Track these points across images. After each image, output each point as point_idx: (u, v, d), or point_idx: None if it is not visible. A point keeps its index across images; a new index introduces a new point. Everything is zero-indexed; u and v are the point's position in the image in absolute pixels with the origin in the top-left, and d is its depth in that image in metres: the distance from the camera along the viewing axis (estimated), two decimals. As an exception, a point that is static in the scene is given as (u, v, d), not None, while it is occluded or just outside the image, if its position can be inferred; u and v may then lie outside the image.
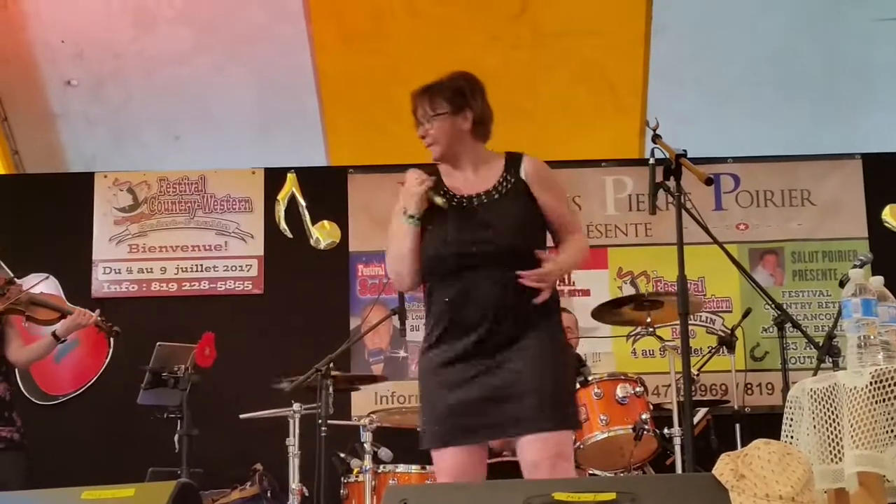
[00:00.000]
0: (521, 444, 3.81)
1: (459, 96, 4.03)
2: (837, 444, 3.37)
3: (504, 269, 3.82)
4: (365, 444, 5.60)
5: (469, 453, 3.87)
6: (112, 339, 6.98)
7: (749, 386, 7.13)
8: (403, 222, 3.94)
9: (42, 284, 6.57)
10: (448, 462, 3.86)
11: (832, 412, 3.41)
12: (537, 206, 3.97)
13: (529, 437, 3.78)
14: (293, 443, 5.80)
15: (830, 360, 5.17)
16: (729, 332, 6.60)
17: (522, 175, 3.98)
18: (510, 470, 5.36)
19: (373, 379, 6.79)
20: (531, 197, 3.96)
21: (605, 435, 5.45)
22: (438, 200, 3.92)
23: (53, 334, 6.13)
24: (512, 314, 3.83)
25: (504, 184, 3.98)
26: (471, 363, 3.84)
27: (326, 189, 7.67)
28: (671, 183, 4.44)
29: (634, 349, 7.34)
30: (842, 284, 3.88)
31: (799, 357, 7.20)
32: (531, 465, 3.78)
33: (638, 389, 5.56)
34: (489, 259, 3.84)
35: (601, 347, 7.30)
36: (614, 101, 7.53)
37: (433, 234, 3.94)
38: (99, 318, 6.20)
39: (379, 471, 5.50)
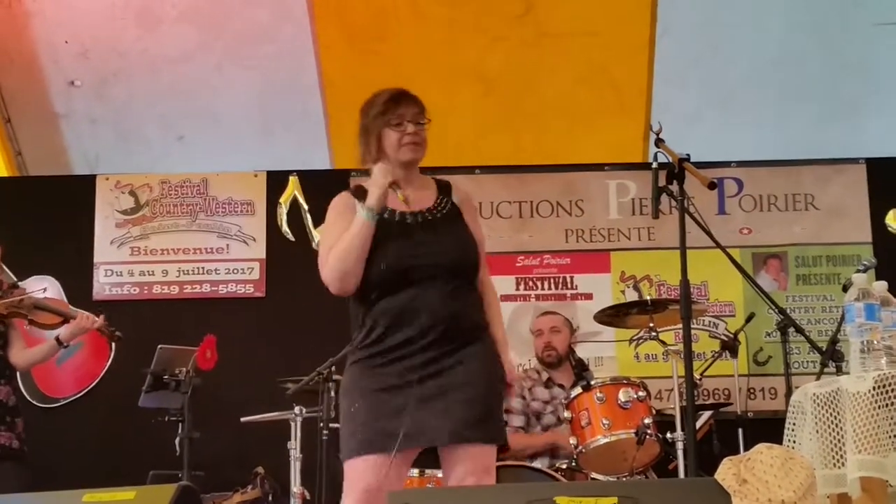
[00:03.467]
0: (450, 455, 3.84)
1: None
2: (840, 448, 3.36)
3: (446, 284, 3.89)
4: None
5: (395, 465, 3.81)
6: (114, 344, 6.97)
7: (752, 390, 7.12)
8: (361, 215, 3.91)
9: (44, 287, 6.56)
10: (371, 472, 3.81)
11: (835, 417, 3.40)
12: (469, 230, 4.07)
13: (459, 449, 3.81)
14: (295, 446, 5.79)
15: (834, 364, 5.16)
16: (732, 336, 6.59)
17: (455, 201, 4.09)
18: (511, 475, 5.36)
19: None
20: (464, 220, 4.07)
21: (608, 439, 5.43)
22: (400, 196, 3.92)
23: (57, 339, 6.12)
24: (452, 327, 3.87)
25: (441, 206, 4.06)
26: (407, 373, 3.83)
27: (329, 192, 7.51)
28: (674, 187, 4.44)
29: (637, 353, 7.33)
30: (845, 289, 3.87)
31: (802, 362, 7.19)
32: (457, 477, 3.80)
33: (640, 394, 5.54)
34: (433, 274, 3.88)
35: (604, 351, 7.30)
36: (618, 103, 7.53)
37: (377, 247, 3.93)
38: (102, 323, 6.19)
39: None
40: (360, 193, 4.02)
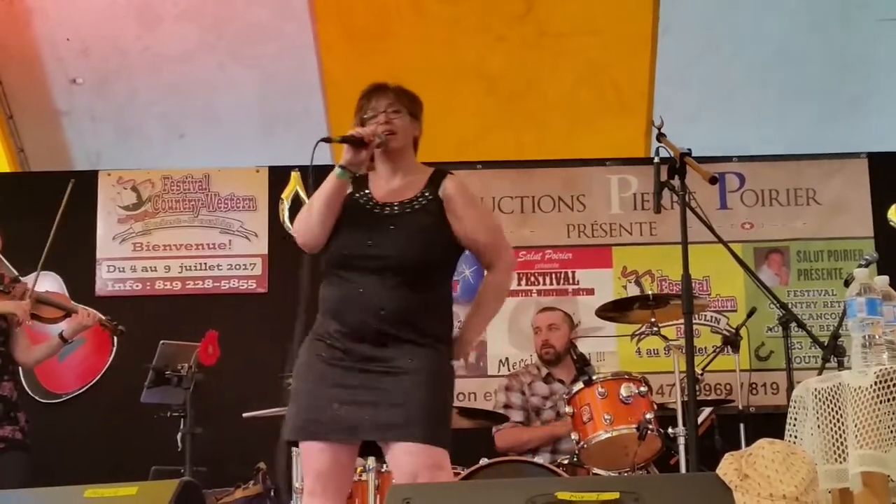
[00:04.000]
0: (395, 451, 3.82)
1: (417, 107, 4.13)
2: (842, 443, 3.36)
3: (393, 279, 3.88)
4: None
5: (338, 451, 3.89)
6: (116, 338, 6.98)
7: (753, 385, 7.10)
8: (334, 173, 4.05)
9: (46, 282, 6.56)
10: (317, 457, 3.88)
11: (836, 412, 3.41)
12: (448, 226, 4.01)
13: (404, 445, 3.79)
14: (297, 441, 5.78)
15: (835, 359, 5.16)
16: (734, 331, 6.61)
17: (440, 194, 4.03)
18: (513, 470, 5.36)
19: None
20: (443, 217, 4.01)
21: (609, 434, 5.42)
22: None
23: (61, 336, 6.12)
24: (399, 321, 3.86)
25: (420, 199, 4.02)
26: (353, 362, 3.87)
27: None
28: (676, 182, 4.44)
29: (639, 348, 7.33)
30: (847, 284, 3.88)
31: (804, 357, 7.19)
32: (408, 474, 3.77)
33: (642, 389, 5.53)
34: (381, 267, 3.89)
35: (605, 347, 7.30)
36: (620, 100, 7.53)
37: (339, 230, 4.01)
38: (104, 318, 6.20)
39: (382, 470, 5.45)
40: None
